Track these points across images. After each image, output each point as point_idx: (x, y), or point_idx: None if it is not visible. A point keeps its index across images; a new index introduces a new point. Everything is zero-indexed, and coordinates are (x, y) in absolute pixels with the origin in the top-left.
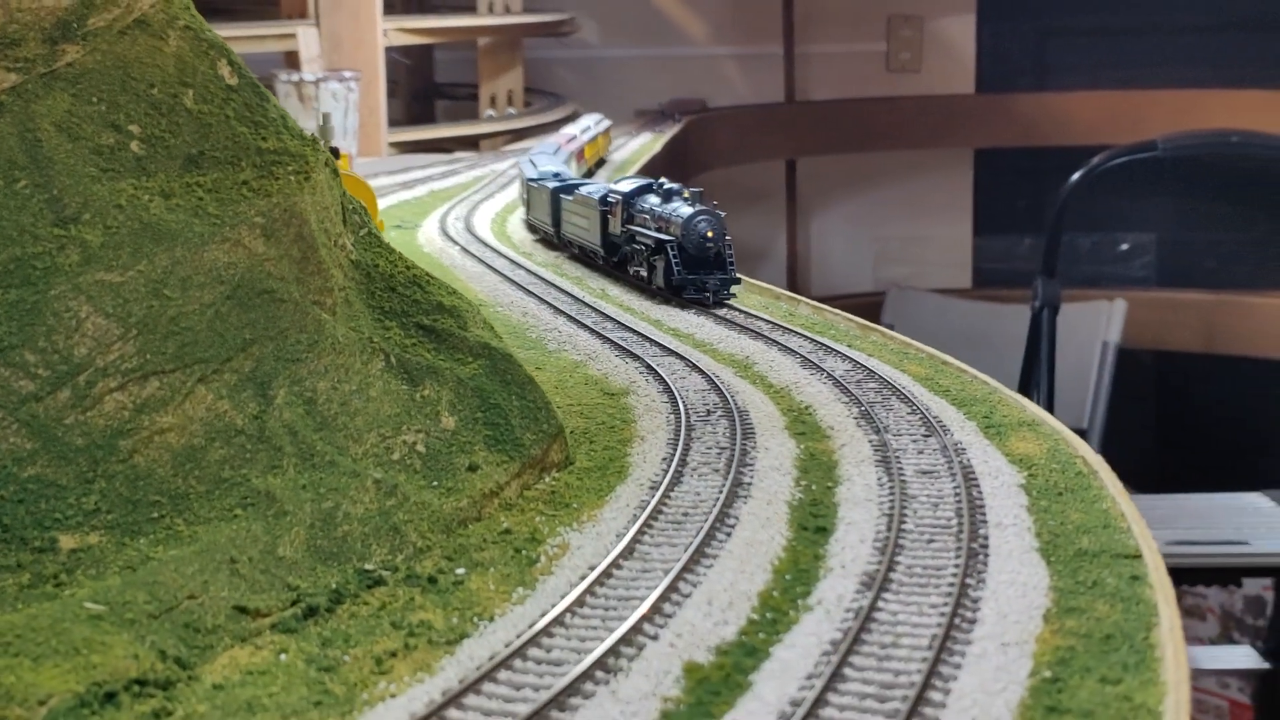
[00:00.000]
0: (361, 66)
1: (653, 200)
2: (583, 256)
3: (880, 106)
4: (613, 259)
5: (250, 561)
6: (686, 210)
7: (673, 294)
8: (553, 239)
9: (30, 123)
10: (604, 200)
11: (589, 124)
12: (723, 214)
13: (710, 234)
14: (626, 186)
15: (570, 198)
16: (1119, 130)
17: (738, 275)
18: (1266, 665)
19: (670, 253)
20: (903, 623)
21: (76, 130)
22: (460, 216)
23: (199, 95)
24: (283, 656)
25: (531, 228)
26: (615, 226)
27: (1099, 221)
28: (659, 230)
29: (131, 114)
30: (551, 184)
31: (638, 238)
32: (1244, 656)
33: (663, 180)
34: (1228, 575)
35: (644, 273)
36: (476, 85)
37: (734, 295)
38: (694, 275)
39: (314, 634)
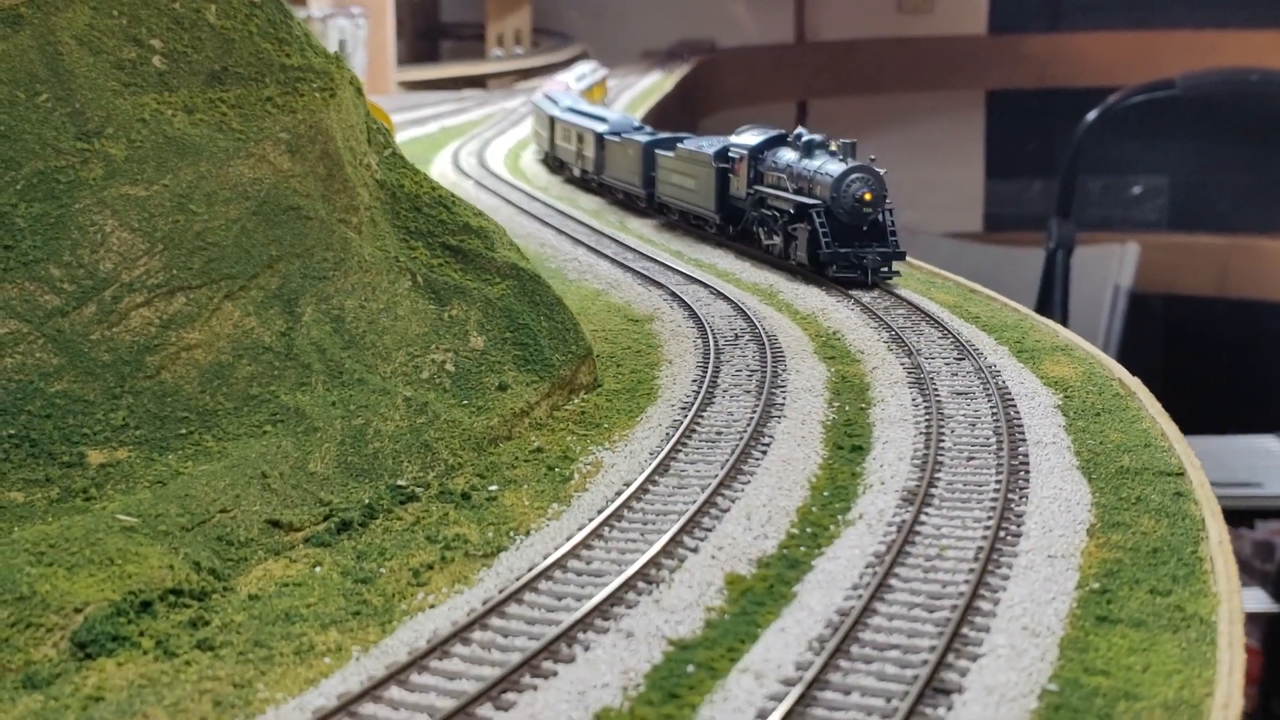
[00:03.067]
0: (369, 3)
1: (788, 155)
2: (684, 224)
3: (891, 47)
4: (732, 227)
5: (281, 477)
6: (836, 167)
7: (817, 271)
8: (640, 201)
9: (50, 35)
10: (722, 155)
11: (584, 72)
12: (882, 171)
13: (868, 196)
14: (752, 138)
15: (670, 154)
16: (1133, 71)
17: (901, 249)
18: (1277, 608)
19: (816, 220)
20: (946, 536)
21: (97, 43)
22: (473, 152)
23: (221, 10)
24: (318, 569)
25: (603, 188)
26: (738, 188)
27: (1112, 164)
28: (799, 192)
29: (153, 28)
30: (641, 138)
31: (769, 201)
32: (1254, 599)
33: (800, 130)
34: (1241, 517)
35: (779, 244)
36: (482, 25)
37: (897, 274)
38: (846, 248)
39: (348, 548)
